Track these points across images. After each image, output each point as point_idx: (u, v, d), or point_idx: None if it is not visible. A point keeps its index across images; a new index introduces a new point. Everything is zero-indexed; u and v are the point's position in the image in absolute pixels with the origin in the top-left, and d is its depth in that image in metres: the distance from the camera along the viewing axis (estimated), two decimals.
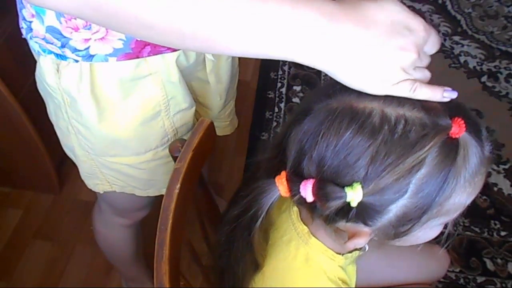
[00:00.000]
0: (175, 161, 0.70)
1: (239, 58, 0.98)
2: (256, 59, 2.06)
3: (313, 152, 0.49)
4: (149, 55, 0.71)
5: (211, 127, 0.73)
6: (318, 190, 0.48)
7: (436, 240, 0.59)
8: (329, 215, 0.51)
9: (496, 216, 1.53)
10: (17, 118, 1.31)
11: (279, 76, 1.98)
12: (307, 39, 0.45)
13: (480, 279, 1.39)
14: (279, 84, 1.94)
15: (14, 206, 1.57)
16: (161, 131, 0.80)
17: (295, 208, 0.62)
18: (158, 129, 0.79)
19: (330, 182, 0.48)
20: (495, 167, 1.65)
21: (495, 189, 1.60)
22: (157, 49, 0.71)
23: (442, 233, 0.58)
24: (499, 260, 1.43)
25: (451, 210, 0.51)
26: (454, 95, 0.50)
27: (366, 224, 0.51)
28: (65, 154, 0.89)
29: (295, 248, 0.61)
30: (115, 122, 0.76)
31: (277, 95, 1.90)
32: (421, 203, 0.48)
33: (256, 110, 1.85)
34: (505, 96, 1.87)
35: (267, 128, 1.79)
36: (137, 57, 0.71)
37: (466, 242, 1.47)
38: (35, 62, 0.77)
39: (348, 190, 0.47)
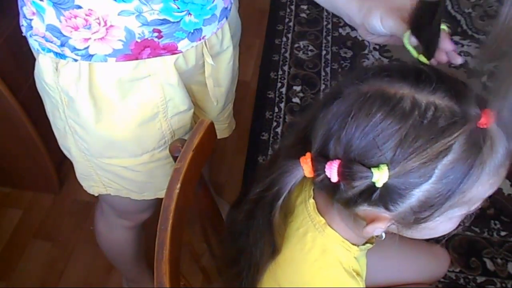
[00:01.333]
0: (175, 161, 0.70)
1: (239, 58, 0.98)
2: (256, 59, 2.06)
3: (341, 133, 0.50)
4: (148, 57, 0.71)
5: (211, 127, 0.73)
6: (344, 170, 0.49)
7: (436, 240, 0.59)
8: (351, 197, 0.51)
9: (496, 216, 1.53)
10: (17, 118, 1.31)
11: (279, 76, 1.98)
12: None
13: (480, 279, 1.39)
14: (279, 84, 1.95)
15: (14, 206, 1.57)
16: (158, 133, 0.80)
17: (311, 201, 0.63)
18: (155, 131, 0.79)
19: (357, 162, 0.49)
20: None
21: None
22: (156, 52, 0.71)
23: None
24: (499, 260, 1.43)
25: (472, 200, 0.52)
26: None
27: (387, 208, 0.51)
28: (65, 154, 0.89)
29: (311, 239, 0.62)
30: (113, 123, 0.76)
31: (277, 95, 1.90)
32: (444, 189, 0.49)
33: (256, 110, 1.85)
34: None
35: (267, 128, 1.79)
36: (137, 59, 0.71)
37: (466, 242, 1.47)
38: (34, 61, 0.77)
39: (374, 170, 0.48)
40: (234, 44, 0.89)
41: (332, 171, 0.50)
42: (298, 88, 1.93)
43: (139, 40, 0.69)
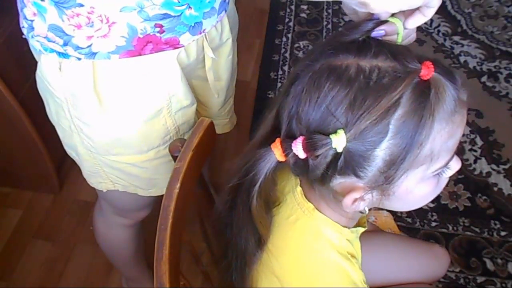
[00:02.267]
0: (175, 160, 0.70)
1: (239, 58, 0.98)
2: (256, 59, 2.06)
3: (299, 110, 0.54)
4: (151, 53, 0.72)
5: (211, 127, 0.73)
6: (307, 143, 0.52)
7: (437, 240, 0.60)
8: (322, 173, 0.54)
9: (496, 216, 1.53)
10: (17, 118, 1.31)
11: (279, 76, 1.98)
12: None
13: (480, 279, 1.39)
14: (279, 84, 1.95)
15: (14, 206, 1.57)
16: (163, 129, 0.80)
17: (298, 188, 0.64)
18: (160, 127, 0.79)
19: (316, 133, 0.52)
20: (495, 167, 1.65)
21: (495, 189, 1.60)
22: (158, 47, 0.72)
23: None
24: (499, 260, 1.43)
25: (434, 153, 0.53)
26: None
27: (357, 175, 0.54)
28: (65, 154, 0.89)
29: (302, 225, 0.63)
30: (118, 120, 0.76)
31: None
32: (402, 143, 0.51)
33: (256, 110, 1.85)
34: (505, 96, 1.87)
35: None
36: (139, 55, 0.71)
37: (466, 242, 1.47)
38: (35, 62, 0.77)
39: (332, 136, 0.51)
40: (233, 37, 0.90)
41: (297, 147, 0.52)
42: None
43: (141, 36, 0.69)
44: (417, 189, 0.57)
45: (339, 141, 0.51)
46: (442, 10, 2.21)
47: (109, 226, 1.10)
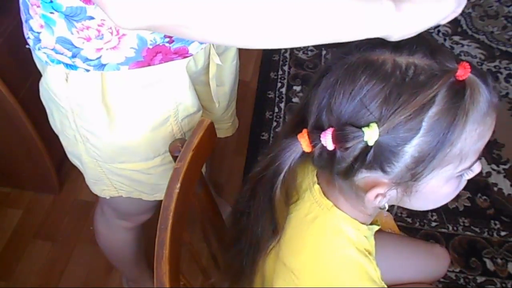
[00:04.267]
0: (175, 161, 0.70)
1: (240, 59, 0.98)
2: (256, 59, 2.06)
3: (331, 101, 0.53)
4: (160, 63, 0.71)
5: (211, 127, 0.73)
6: (337, 135, 0.52)
7: (437, 240, 0.60)
8: (348, 165, 0.54)
9: (496, 216, 1.53)
10: (17, 118, 1.31)
11: (279, 76, 1.98)
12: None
13: (480, 279, 1.39)
14: (279, 84, 1.95)
15: (14, 206, 1.57)
16: (169, 136, 0.80)
17: (316, 186, 0.64)
18: (166, 134, 0.79)
19: (348, 125, 0.52)
20: (495, 167, 1.65)
21: (495, 189, 1.60)
22: (168, 57, 0.71)
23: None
24: (499, 260, 1.43)
25: (463, 153, 0.53)
26: None
27: (384, 170, 0.54)
28: (65, 154, 0.89)
29: (322, 223, 0.63)
30: (126, 130, 0.76)
31: (277, 95, 1.90)
32: (433, 141, 0.51)
33: (256, 110, 1.85)
34: (505, 96, 1.87)
35: (267, 128, 1.79)
36: (149, 65, 0.71)
37: (466, 242, 1.47)
38: (35, 64, 0.77)
39: (365, 129, 0.51)
40: None
41: (326, 138, 0.52)
42: (298, 88, 1.93)
43: (151, 47, 0.69)
44: (441, 189, 0.57)
45: (371, 134, 0.50)
46: None
47: (111, 228, 1.10)
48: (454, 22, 2.15)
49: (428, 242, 1.35)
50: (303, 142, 0.54)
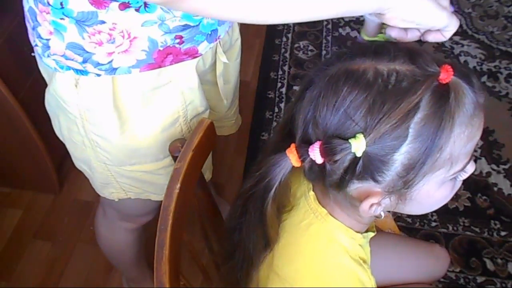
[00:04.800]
0: (175, 161, 0.70)
1: (241, 58, 0.98)
2: (256, 59, 2.06)
3: (316, 115, 0.53)
4: (170, 64, 0.72)
5: (211, 127, 0.73)
6: (325, 148, 0.51)
7: (436, 240, 0.60)
8: (339, 177, 0.53)
9: (496, 216, 1.53)
10: (17, 118, 1.31)
11: (279, 76, 1.98)
12: None
13: (480, 279, 1.39)
14: (279, 84, 1.95)
15: (14, 206, 1.57)
16: (179, 136, 0.80)
17: (311, 193, 0.64)
18: (176, 134, 0.79)
19: (335, 137, 0.51)
20: (495, 167, 1.65)
21: (495, 189, 1.60)
22: (178, 58, 0.72)
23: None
24: (499, 260, 1.43)
25: (453, 156, 0.53)
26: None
27: (375, 180, 0.53)
28: (65, 154, 0.89)
29: (315, 231, 0.63)
30: (137, 132, 0.76)
31: (277, 95, 1.90)
32: (422, 147, 0.51)
33: (256, 110, 1.85)
34: (505, 96, 1.87)
35: (267, 128, 1.79)
36: (160, 67, 0.71)
37: (466, 242, 1.47)
38: (35, 63, 0.77)
39: (352, 141, 0.50)
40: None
41: (315, 152, 0.52)
42: (298, 88, 1.92)
43: (161, 48, 0.69)
44: (436, 193, 0.57)
45: (358, 145, 0.50)
46: None
47: (113, 230, 1.10)
48: None
49: (428, 242, 1.35)
50: (292, 157, 0.54)
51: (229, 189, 1.60)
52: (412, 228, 1.49)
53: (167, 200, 0.66)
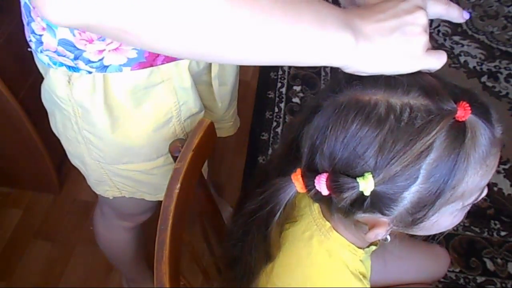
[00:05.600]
0: (175, 161, 0.70)
1: None
2: None
3: (323, 146, 0.51)
4: (162, 63, 0.71)
5: (211, 127, 0.73)
6: (331, 183, 0.49)
7: (436, 240, 0.60)
8: (345, 207, 0.51)
9: (496, 216, 1.53)
10: (17, 118, 1.31)
11: (279, 76, 1.98)
12: (338, 55, 0.48)
13: (480, 279, 1.39)
14: (279, 84, 1.94)
15: (14, 206, 1.57)
16: (172, 137, 0.80)
17: (316, 205, 0.63)
18: (169, 134, 0.79)
19: (342, 174, 0.49)
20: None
21: (495, 189, 1.60)
22: (170, 57, 0.71)
23: None
24: (499, 260, 1.43)
25: (466, 194, 0.51)
26: (466, 15, 0.54)
27: (383, 213, 0.52)
28: (65, 154, 0.89)
29: (317, 243, 0.62)
30: (129, 131, 0.76)
31: (277, 95, 1.90)
32: (433, 188, 0.48)
33: (256, 110, 1.85)
34: (505, 96, 1.87)
35: (267, 128, 1.79)
36: (151, 66, 0.71)
37: (466, 242, 1.47)
38: (36, 65, 0.77)
39: (360, 180, 0.48)
40: None
41: (321, 185, 0.50)
42: (298, 88, 1.93)
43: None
44: (444, 221, 0.55)
45: (366, 185, 0.48)
46: None
47: (111, 229, 1.10)
48: (454, 22, 2.15)
49: (428, 242, 1.35)
50: (297, 185, 0.52)
51: (229, 189, 1.60)
52: None
53: (167, 200, 0.66)
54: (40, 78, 0.78)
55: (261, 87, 1.94)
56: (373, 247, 0.66)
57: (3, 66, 1.25)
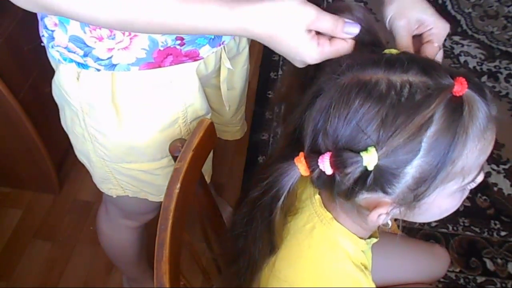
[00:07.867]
0: (175, 161, 0.70)
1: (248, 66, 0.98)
2: (256, 59, 2.06)
3: (327, 125, 0.52)
4: (170, 65, 0.72)
5: (211, 127, 0.73)
6: (335, 160, 0.51)
7: (436, 240, 0.60)
8: (349, 188, 0.52)
9: (496, 216, 1.53)
10: (17, 118, 1.31)
11: (279, 76, 1.98)
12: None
13: (480, 279, 1.39)
14: (279, 84, 1.94)
15: (14, 206, 1.57)
16: (177, 138, 0.80)
17: (317, 196, 0.63)
18: (175, 136, 0.79)
19: (346, 150, 0.51)
20: (495, 167, 1.65)
21: (495, 189, 1.60)
22: (178, 59, 0.72)
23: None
24: (499, 260, 1.43)
25: (465, 169, 0.53)
26: (356, 28, 0.56)
27: (385, 191, 0.53)
28: (65, 154, 0.89)
29: (319, 234, 0.62)
30: (134, 130, 0.76)
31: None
32: (434, 161, 0.50)
33: (256, 110, 1.85)
34: (505, 96, 1.87)
35: (267, 128, 1.79)
36: (159, 67, 0.71)
37: (466, 242, 1.47)
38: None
39: (363, 154, 0.49)
40: (250, 44, 0.90)
41: (324, 163, 0.51)
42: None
43: (162, 48, 0.69)
44: (444, 203, 0.57)
45: (370, 159, 0.49)
46: (442, 10, 2.21)
47: (115, 228, 1.10)
48: (454, 22, 2.16)
49: (428, 242, 1.35)
50: (301, 167, 0.53)
51: (229, 189, 1.60)
52: (412, 228, 1.49)
53: (167, 200, 0.66)
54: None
55: (261, 87, 1.94)
56: (374, 239, 0.66)
57: (3, 66, 1.24)
